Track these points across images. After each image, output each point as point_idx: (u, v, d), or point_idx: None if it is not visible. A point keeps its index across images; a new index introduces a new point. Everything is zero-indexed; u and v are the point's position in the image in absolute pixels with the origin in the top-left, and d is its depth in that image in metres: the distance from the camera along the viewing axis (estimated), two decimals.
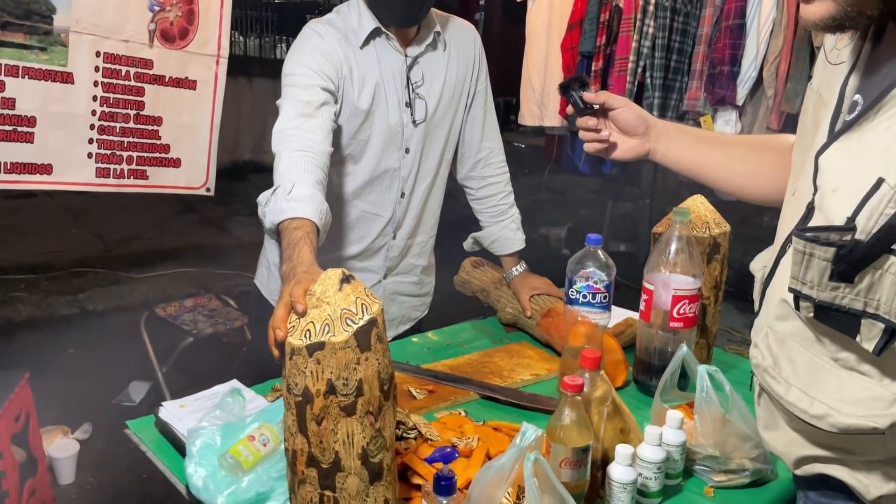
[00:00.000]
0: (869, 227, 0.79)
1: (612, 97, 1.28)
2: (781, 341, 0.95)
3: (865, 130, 0.85)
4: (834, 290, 0.83)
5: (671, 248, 1.44)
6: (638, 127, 1.26)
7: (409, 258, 1.68)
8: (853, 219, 0.81)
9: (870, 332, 0.83)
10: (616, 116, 1.27)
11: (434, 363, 1.57)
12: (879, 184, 0.79)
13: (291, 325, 0.99)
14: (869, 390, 0.87)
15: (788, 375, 0.93)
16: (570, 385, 1.02)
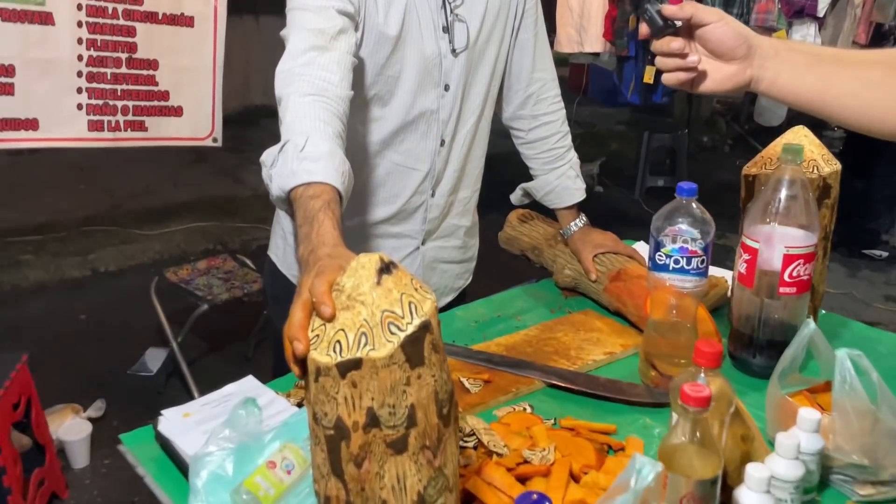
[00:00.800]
0: None
1: (701, 9, 0.96)
2: None
3: None
4: None
5: (781, 195, 1.15)
6: (737, 48, 0.95)
7: (450, 218, 1.40)
8: None
9: None
10: (707, 35, 0.95)
11: (486, 343, 1.31)
12: None
13: (315, 333, 0.72)
14: None
15: None
16: (694, 398, 0.76)
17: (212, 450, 0.93)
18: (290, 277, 1.40)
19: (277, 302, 1.46)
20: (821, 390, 1.08)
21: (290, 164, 0.97)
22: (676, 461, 0.78)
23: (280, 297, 1.44)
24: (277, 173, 0.99)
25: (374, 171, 1.29)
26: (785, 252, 1.14)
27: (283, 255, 1.42)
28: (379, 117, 1.25)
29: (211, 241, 4.32)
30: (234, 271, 2.77)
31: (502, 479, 0.91)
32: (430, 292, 0.74)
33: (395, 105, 1.25)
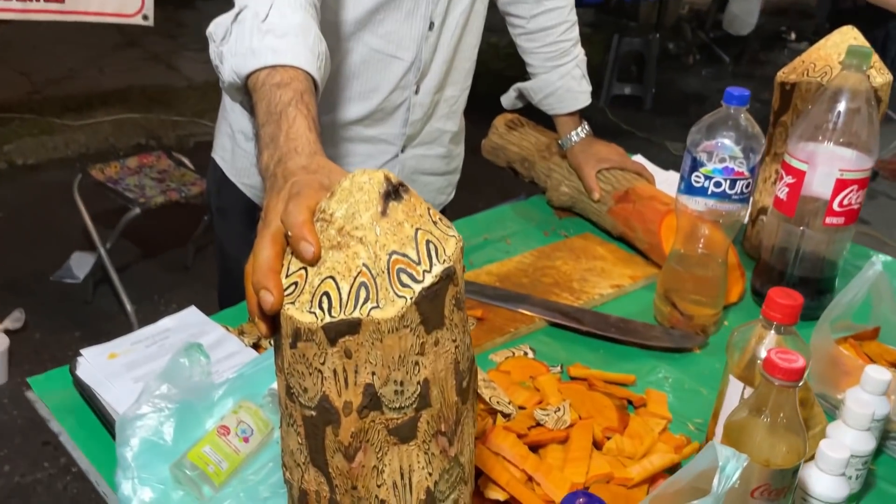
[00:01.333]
0: None
1: None
2: None
3: None
4: None
5: (839, 107, 0.96)
6: None
7: (434, 121, 1.17)
8: None
9: None
10: None
11: (475, 271, 1.12)
12: None
13: (292, 280, 0.51)
14: None
15: None
16: (784, 369, 0.59)
17: (145, 410, 0.72)
18: (241, 186, 1.16)
19: (224, 216, 1.22)
20: (868, 337, 0.94)
21: (248, 39, 0.73)
22: (751, 445, 0.61)
23: (227, 210, 1.20)
24: (231, 51, 0.74)
25: (347, 59, 1.04)
26: (838, 176, 0.96)
27: (230, 159, 1.16)
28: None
29: (142, 136, 3.94)
30: (169, 171, 2.47)
31: (513, 450, 0.74)
32: (451, 227, 0.53)
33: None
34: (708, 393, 0.91)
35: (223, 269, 1.27)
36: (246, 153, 1.13)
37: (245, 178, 1.15)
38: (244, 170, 1.14)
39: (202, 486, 0.69)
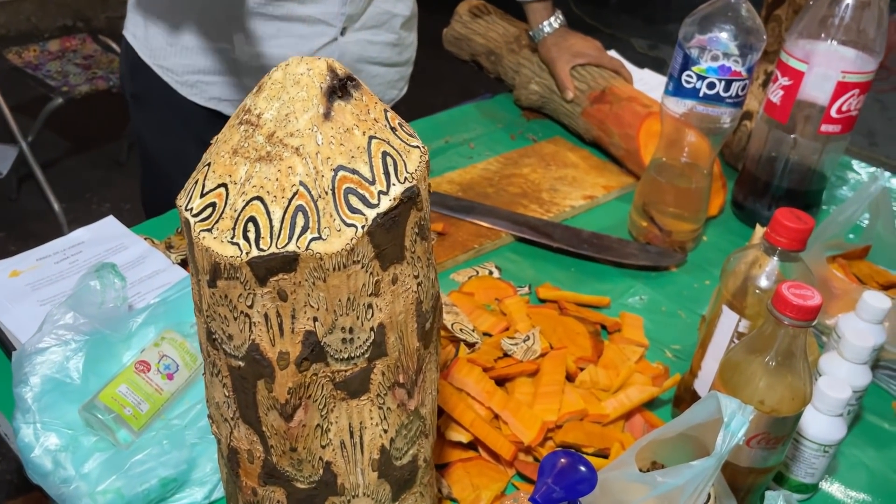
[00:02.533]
0: None
1: None
2: None
3: None
4: None
5: (848, 2, 0.85)
6: None
7: (381, 2, 1.01)
8: None
9: None
10: None
11: (434, 179, 1.01)
12: None
13: (208, 200, 0.40)
14: None
15: None
16: (798, 307, 0.50)
17: (47, 343, 0.61)
18: (157, 69, 1.00)
19: (140, 103, 1.06)
20: (857, 256, 0.87)
21: None
22: (750, 389, 0.54)
23: (143, 96, 1.05)
24: None
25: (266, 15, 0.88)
26: (839, 79, 0.87)
27: (143, 37, 1.00)
28: None
29: (69, 17, 3.60)
30: (95, 56, 2.24)
31: (478, 385, 0.66)
32: (415, 135, 0.42)
33: None
34: (687, 316, 0.84)
35: (145, 165, 1.12)
36: (160, 31, 0.97)
37: (161, 59, 0.99)
38: (159, 49, 0.98)
39: (118, 430, 0.59)
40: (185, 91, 1.00)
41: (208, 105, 1.01)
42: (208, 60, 0.97)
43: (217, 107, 1.02)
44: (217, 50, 0.97)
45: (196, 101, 1.01)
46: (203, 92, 1.00)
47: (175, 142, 1.04)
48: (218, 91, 1.00)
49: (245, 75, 0.98)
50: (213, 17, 0.95)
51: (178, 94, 1.00)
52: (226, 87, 1.00)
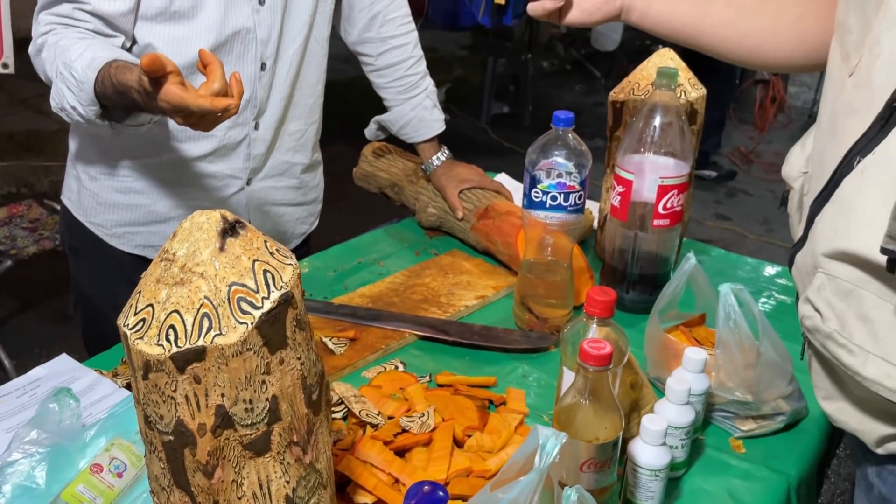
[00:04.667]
0: None
1: None
2: (848, 293, 0.66)
3: None
4: None
5: (655, 122, 1.09)
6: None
7: (280, 154, 1.22)
8: None
9: None
10: None
11: (348, 294, 1.18)
12: None
13: (140, 317, 0.56)
14: None
15: (864, 341, 0.65)
16: (595, 356, 0.68)
17: (16, 457, 0.74)
18: (89, 225, 1.19)
19: (77, 256, 1.24)
20: (696, 324, 1.06)
21: (69, 78, 0.93)
22: (575, 425, 0.70)
23: (79, 249, 1.23)
24: (70, 91, 0.92)
25: None
26: (659, 183, 1.09)
27: (77, 199, 1.19)
28: (184, 37, 1.05)
29: (12, 184, 3.77)
30: (41, 219, 2.40)
31: (380, 456, 0.81)
32: (289, 256, 0.59)
33: (202, 22, 1.05)
34: None
35: (84, 311, 1.28)
36: (91, 193, 1.17)
37: (92, 216, 1.18)
38: (91, 209, 1.18)
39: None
40: (115, 242, 1.18)
41: (135, 252, 1.19)
42: (133, 214, 1.16)
43: (142, 253, 1.19)
44: (140, 205, 1.16)
45: (124, 249, 1.19)
46: (130, 241, 1.19)
47: (108, 285, 1.21)
48: (142, 239, 1.18)
49: (165, 224, 1.17)
50: (136, 177, 1.14)
51: (109, 244, 1.18)
52: (149, 235, 1.18)
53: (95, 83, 0.93)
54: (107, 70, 0.93)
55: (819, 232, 0.70)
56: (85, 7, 1.00)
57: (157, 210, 1.16)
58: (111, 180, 1.16)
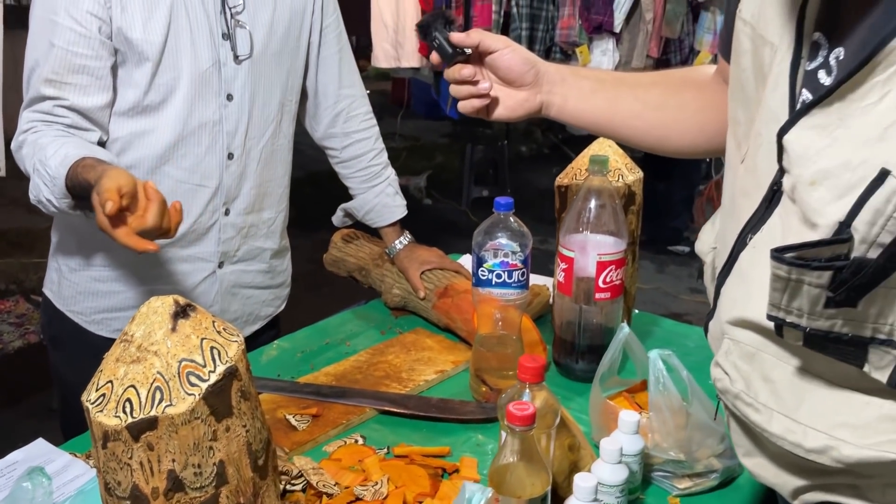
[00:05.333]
0: (872, 235, 0.59)
1: (488, 36, 0.97)
2: (751, 356, 0.74)
3: (850, 100, 0.61)
4: (831, 318, 0.64)
5: (590, 204, 1.19)
6: (525, 74, 0.97)
7: (251, 240, 1.32)
8: (848, 224, 0.60)
9: (881, 361, 0.64)
10: (496, 62, 0.96)
11: (314, 374, 1.25)
12: (883, 177, 0.58)
13: (100, 393, 0.63)
14: (875, 408, 0.67)
15: (767, 400, 0.72)
16: (520, 417, 0.75)
17: None
18: (69, 314, 1.27)
19: (57, 345, 1.32)
20: (638, 390, 1.13)
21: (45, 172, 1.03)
22: (506, 482, 0.76)
23: (59, 338, 1.30)
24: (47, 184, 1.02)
25: None
26: (598, 259, 1.18)
27: (58, 290, 1.28)
28: (152, 129, 1.17)
29: (2, 281, 3.85)
30: (27, 314, 2.48)
31: None
32: (235, 333, 0.67)
33: (169, 115, 1.16)
34: None
35: (62, 398, 1.34)
36: (71, 283, 1.25)
37: (72, 305, 1.26)
38: (70, 298, 1.26)
39: None
40: (93, 328, 1.26)
41: (112, 336, 1.26)
42: (110, 301, 1.24)
43: None
44: (117, 292, 1.24)
45: (102, 334, 1.26)
46: (108, 326, 1.26)
47: (86, 371, 1.27)
48: (120, 324, 1.26)
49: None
50: (113, 266, 1.23)
51: (87, 331, 1.26)
52: (125, 320, 1.25)
53: (66, 178, 1.03)
54: (76, 167, 1.03)
55: (723, 302, 0.78)
56: (64, 103, 1.11)
57: (133, 296, 1.24)
58: (89, 270, 1.25)
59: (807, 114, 0.65)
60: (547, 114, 1.02)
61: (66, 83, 1.10)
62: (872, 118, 0.59)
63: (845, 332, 0.64)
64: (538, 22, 2.85)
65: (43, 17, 1.10)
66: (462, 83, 0.97)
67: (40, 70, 1.10)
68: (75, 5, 1.08)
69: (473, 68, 0.97)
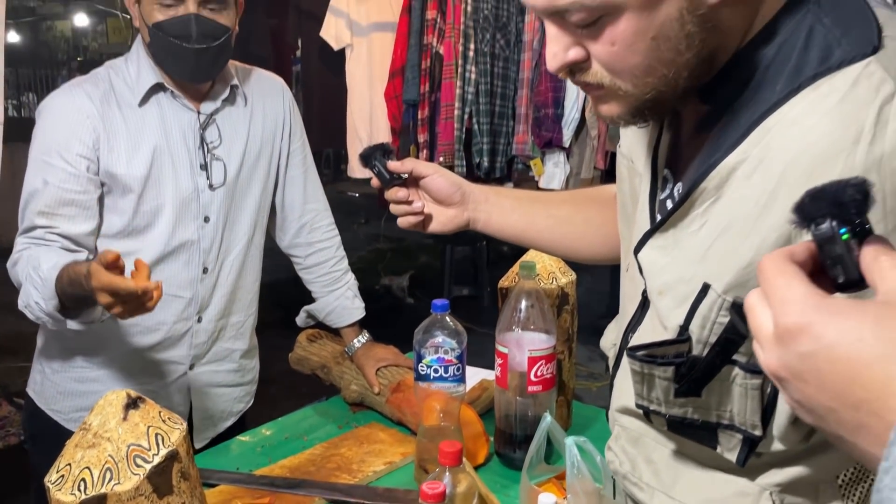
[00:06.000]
0: (704, 336, 0.73)
1: (419, 164, 1.14)
2: (636, 440, 0.86)
3: (681, 227, 0.76)
4: (683, 406, 0.76)
5: (521, 305, 1.32)
6: (453, 195, 1.13)
7: (222, 342, 1.45)
8: (686, 328, 0.73)
9: (729, 443, 0.76)
10: (427, 185, 1.13)
11: (270, 466, 1.34)
12: (706, 290, 0.72)
13: (59, 474, 0.74)
14: (733, 484, 0.78)
15: (650, 479, 0.84)
16: (431, 495, 0.85)
17: None
18: (49, 412, 1.38)
19: (36, 442, 1.42)
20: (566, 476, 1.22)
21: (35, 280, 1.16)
22: None
23: (39, 436, 1.40)
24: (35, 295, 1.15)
25: None
26: (529, 355, 1.30)
27: (40, 389, 1.39)
28: (137, 249, 1.31)
29: None
30: (9, 417, 2.55)
31: None
32: (179, 422, 0.78)
33: (153, 237, 1.31)
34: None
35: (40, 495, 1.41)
36: (53, 383, 1.36)
37: (53, 404, 1.37)
38: (52, 397, 1.37)
39: None
40: (71, 426, 1.36)
41: None
42: (89, 400, 1.35)
43: None
44: (96, 391, 1.35)
45: None
46: None
47: None
48: None
49: None
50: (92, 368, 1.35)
51: (66, 429, 1.35)
52: None
53: (56, 280, 1.16)
54: (66, 268, 1.17)
55: (615, 393, 0.90)
56: (55, 230, 1.26)
57: None
58: (71, 371, 1.36)
59: (652, 236, 0.79)
60: (475, 228, 1.17)
61: (57, 214, 1.26)
62: (696, 242, 0.74)
63: (696, 418, 0.76)
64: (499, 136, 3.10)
65: (38, 159, 1.27)
66: (399, 203, 1.12)
67: (34, 203, 1.26)
68: (67, 149, 1.25)
69: (408, 191, 1.12)
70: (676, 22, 0.66)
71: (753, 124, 0.68)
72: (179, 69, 1.29)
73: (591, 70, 0.72)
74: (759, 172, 0.67)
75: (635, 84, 0.71)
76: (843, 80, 0.63)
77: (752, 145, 0.68)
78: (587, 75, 0.73)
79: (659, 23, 0.66)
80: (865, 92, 0.61)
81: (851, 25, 0.66)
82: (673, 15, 0.66)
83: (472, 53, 3.05)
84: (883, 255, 0.43)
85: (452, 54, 3.07)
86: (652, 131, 0.86)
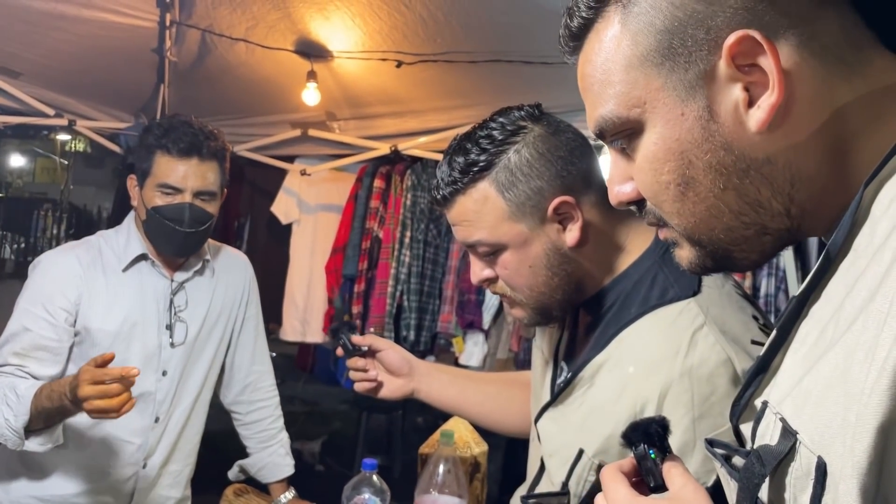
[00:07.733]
0: (579, 490, 0.96)
1: (377, 340, 1.40)
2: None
3: (567, 403, 1.01)
4: None
5: (440, 469, 1.51)
6: (402, 367, 1.38)
7: (159, 489, 1.56)
8: (566, 483, 0.96)
9: None
10: (382, 357, 1.38)
11: None
12: (581, 454, 0.96)
13: None
14: None
15: None
16: None
17: None
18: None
19: None
20: None
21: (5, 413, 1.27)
22: None
23: None
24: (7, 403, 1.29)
25: (87, 445, 1.46)
26: None
27: (6, 495, 1.46)
28: None
29: None
30: None
31: None
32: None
33: None
34: None
35: None
36: (16, 489, 1.44)
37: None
38: (17, 501, 1.43)
39: None
40: None
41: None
42: None
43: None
44: None
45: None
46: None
47: None
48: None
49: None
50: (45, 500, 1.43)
51: None
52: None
53: (34, 397, 1.27)
54: (45, 386, 1.29)
55: None
56: (25, 370, 1.40)
57: None
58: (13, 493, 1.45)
59: (546, 410, 1.04)
60: (418, 396, 1.40)
61: (29, 356, 1.41)
62: (577, 416, 0.99)
63: None
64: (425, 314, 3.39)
65: (24, 308, 1.44)
66: (357, 370, 1.35)
67: (11, 345, 1.42)
68: (51, 301, 1.43)
69: (366, 361, 1.36)
70: (545, 257, 0.98)
71: (615, 333, 0.96)
72: (169, 247, 1.51)
73: (499, 284, 1.02)
74: (617, 368, 0.94)
75: (527, 297, 1.01)
76: (672, 312, 0.92)
77: (614, 348, 0.96)
78: (497, 287, 1.03)
79: (532, 255, 0.98)
80: (685, 321, 0.90)
81: (682, 275, 0.96)
82: (541, 252, 0.98)
83: (407, 240, 3.41)
84: (674, 469, 0.63)
85: (390, 238, 3.43)
86: (556, 331, 1.14)
